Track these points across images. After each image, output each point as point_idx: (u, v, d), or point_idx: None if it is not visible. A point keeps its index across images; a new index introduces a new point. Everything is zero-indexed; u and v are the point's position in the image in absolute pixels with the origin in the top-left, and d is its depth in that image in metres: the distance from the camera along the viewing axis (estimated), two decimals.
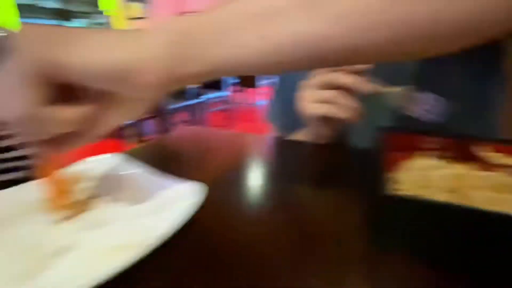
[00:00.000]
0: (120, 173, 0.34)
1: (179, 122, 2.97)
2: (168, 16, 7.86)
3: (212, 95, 2.77)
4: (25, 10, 6.38)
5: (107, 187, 0.32)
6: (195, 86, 3.05)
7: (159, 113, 2.54)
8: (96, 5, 7.80)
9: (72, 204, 0.28)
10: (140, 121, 2.57)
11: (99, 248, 0.23)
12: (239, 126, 3.27)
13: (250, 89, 4.59)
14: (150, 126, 3.21)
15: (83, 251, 0.23)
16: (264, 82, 3.87)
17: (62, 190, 0.30)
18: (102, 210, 0.29)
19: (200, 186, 0.28)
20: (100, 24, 7.14)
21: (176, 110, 2.38)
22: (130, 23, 8.09)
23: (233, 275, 0.22)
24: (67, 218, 0.27)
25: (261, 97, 4.08)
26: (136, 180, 0.33)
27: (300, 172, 0.44)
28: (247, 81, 3.81)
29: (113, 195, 0.31)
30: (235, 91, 4.09)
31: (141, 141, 2.66)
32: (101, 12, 7.73)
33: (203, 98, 2.63)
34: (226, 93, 3.02)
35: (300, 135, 0.58)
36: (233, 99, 4.10)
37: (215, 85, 2.99)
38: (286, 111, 0.67)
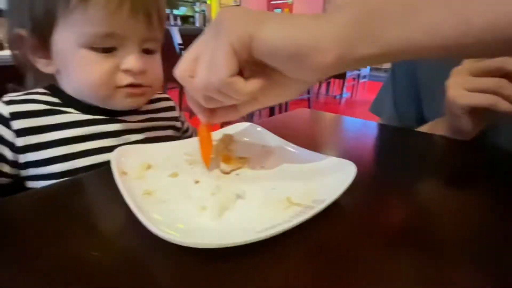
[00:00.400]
0: (265, 140, 0.37)
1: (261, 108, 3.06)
2: (258, 5, 8.07)
3: None
4: None
5: (256, 151, 0.35)
6: None
7: None
8: None
9: (229, 160, 0.31)
10: None
11: (266, 200, 0.25)
12: None
13: (336, 80, 4.41)
14: None
15: (252, 200, 0.25)
16: (350, 74, 3.66)
17: (217, 147, 0.34)
18: (257, 170, 0.31)
19: (351, 164, 0.27)
20: (201, 11, 7.81)
21: None
22: None
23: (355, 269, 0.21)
24: (227, 171, 0.30)
25: (346, 89, 3.87)
26: (284, 148, 0.35)
27: (439, 169, 0.40)
28: None
29: (264, 158, 0.33)
30: (319, 82, 3.99)
31: (226, 123, 2.86)
32: (204, 1, 8.43)
33: None
34: None
35: (428, 128, 0.52)
36: (317, 90, 4.01)
37: None
38: (401, 102, 0.62)
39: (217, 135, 0.37)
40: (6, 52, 1.26)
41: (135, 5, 0.34)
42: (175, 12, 7.49)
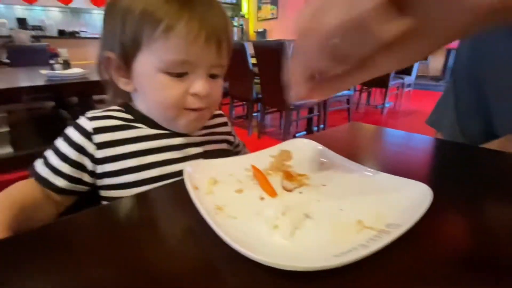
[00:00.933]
0: (323, 156, 0.36)
1: (298, 119, 3.05)
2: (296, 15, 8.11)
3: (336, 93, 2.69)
4: None
5: (315, 167, 0.35)
6: None
7: (282, 108, 2.68)
8: (237, 10, 8.89)
9: (290, 177, 0.32)
10: (263, 114, 2.79)
11: (335, 221, 0.25)
12: None
13: (377, 90, 4.24)
14: (272, 120, 3.44)
15: (321, 221, 0.25)
16: (393, 82, 3.48)
17: (276, 164, 0.34)
18: (320, 188, 0.31)
19: (426, 188, 0.26)
20: (240, 25, 8.13)
21: (298, 107, 2.44)
22: (262, 24, 8.82)
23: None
24: (290, 188, 0.31)
25: (389, 99, 3.69)
26: (344, 165, 0.34)
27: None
28: (378, 81, 3.51)
29: (324, 176, 0.33)
30: (360, 91, 3.86)
31: (263, 133, 2.90)
32: (242, 16, 8.76)
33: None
34: (349, 92, 2.88)
35: (498, 144, 0.48)
36: (357, 100, 3.88)
37: None
38: (464, 115, 0.57)
39: (274, 150, 0.37)
40: (74, 70, 1.42)
41: (209, 36, 0.37)
42: None
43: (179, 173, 0.39)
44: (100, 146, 0.40)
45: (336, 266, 0.18)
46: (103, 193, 0.42)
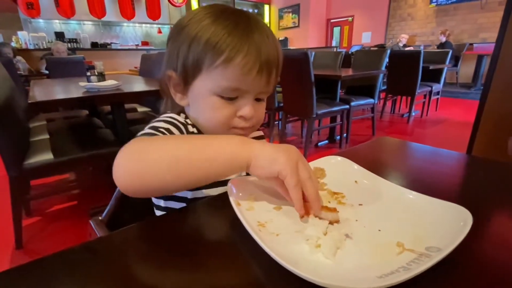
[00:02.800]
0: (357, 174, 0.37)
1: (320, 128, 3.03)
2: (319, 24, 8.15)
3: (359, 102, 2.66)
4: None
5: (350, 186, 0.35)
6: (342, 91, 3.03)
7: (304, 117, 2.68)
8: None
9: (324, 194, 0.33)
10: (284, 122, 2.80)
11: (374, 242, 0.26)
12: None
13: (403, 98, 4.12)
14: (293, 128, 3.44)
15: (361, 242, 0.26)
16: (420, 90, 3.37)
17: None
18: (356, 207, 0.32)
19: (465, 211, 0.26)
20: None
21: (321, 115, 2.42)
22: (283, 32, 8.90)
23: None
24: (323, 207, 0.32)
25: (415, 107, 3.57)
26: (379, 184, 0.35)
27: None
28: (404, 89, 3.41)
29: (360, 195, 0.34)
30: (384, 99, 3.77)
31: (284, 142, 2.91)
32: None
33: (349, 105, 2.56)
34: (373, 100, 2.82)
35: None
36: (381, 108, 3.80)
37: (366, 91, 2.85)
38: None
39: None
40: (109, 82, 1.51)
41: (262, 68, 0.41)
42: None
43: (223, 182, 0.42)
44: None
45: None
46: (163, 202, 0.47)
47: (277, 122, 3.26)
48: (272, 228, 0.27)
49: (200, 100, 0.44)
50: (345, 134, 2.67)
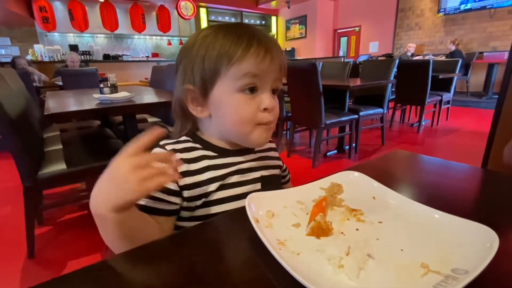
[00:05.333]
0: (374, 190, 0.37)
1: (329, 137, 3.01)
2: (327, 35, 8.21)
3: (368, 111, 2.64)
4: None
5: (368, 202, 0.35)
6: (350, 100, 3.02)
7: (312, 126, 2.67)
8: (268, 31, 9.19)
9: (342, 210, 0.32)
10: (293, 132, 2.79)
11: (398, 262, 0.25)
12: (391, 148, 2.94)
13: (413, 107, 4.08)
14: (301, 138, 3.43)
15: (383, 262, 0.25)
16: (430, 99, 3.34)
17: (329, 197, 0.35)
18: (376, 225, 0.31)
19: (490, 232, 0.25)
20: None
21: (330, 125, 2.42)
22: (290, 43, 9.00)
23: None
24: (340, 221, 0.31)
25: (425, 116, 3.52)
26: (398, 201, 0.34)
27: None
28: (414, 98, 3.39)
29: (379, 212, 0.33)
30: (393, 108, 3.74)
31: (293, 151, 2.90)
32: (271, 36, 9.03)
33: (358, 114, 2.55)
34: (383, 110, 2.80)
35: None
36: (390, 117, 3.76)
37: (375, 101, 2.84)
38: None
39: (325, 183, 0.39)
40: (122, 94, 1.54)
41: (273, 58, 0.44)
42: None
43: (237, 196, 0.46)
44: (181, 174, 0.45)
45: None
46: (182, 213, 0.47)
47: (285, 131, 3.26)
48: (292, 246, 0.27)
49: (223, 104, 0.46)
50: (354, 144, 2.65)
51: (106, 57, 6.19)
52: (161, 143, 0.49)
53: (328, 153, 2.77)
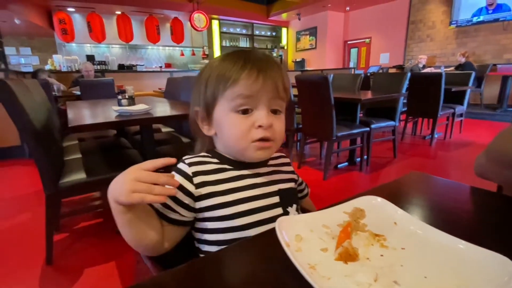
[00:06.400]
0: (395, 215, 0.39)
1: (340, 150, 3.01)
2: (337, 46, 8.28)
3: (380, 124, 2.64)
4: (227, 50, 8.58)
5: (390, 227, 0.37)
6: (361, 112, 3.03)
7: (322, 138, 2.69)
8: (276, 42, 9.32)
9: (366, 235, 0.34)
10: (303, 144, 2.81)
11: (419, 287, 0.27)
12: (403, 160, 2.91)
13: (425, 119, 4.05)
14: (312, 149, 3.44)
15: (408, 286, 0.27)
16: (443, 112, 3.31)
17: (352, 222, 0.37)
18: (399, 251, 0.33)
19: (507, 261, 0.27)
20: (279, 56, 8.49)
21: (341, 137, 2.42)
22: (300, 54, 9.09)
23: None
24: (365, 246, 0.33)
25: (438, 129, 3.49)
26: (419, 228, 0.36)
27: None
28: (426, 111, 3.36)
29: (401, 238, 0.35)
30: (405, 121, 3.72)
31: (303, 163, 2.90)
32: (281, 47, 9.16)
33: (370, 127, 2.55)
34: (395, 123, 2.80)
35: None
36: (402, 130, 3.74)
37: (385, 113, 2.84)
38: None
39: (347, 207, 0.41)
40: (140, 106, 1.60)
41: (266, 79, 0.47)
42: None
43: (257, 209, 0.49)
44: (198, 186, 0.48)
45: None
46: (200, 224, 0.50)
47: (295, 143, 3.28)
48: (322, 271, 0.29)
49: (221, 122, 0.50)
50: (365, 157, 2.64)
51: (121, 67, 6.38)
52: (183, 158, 0.53)
53: (339, 165, 2.77)
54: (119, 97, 1.95)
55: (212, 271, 0.33)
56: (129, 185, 0.37)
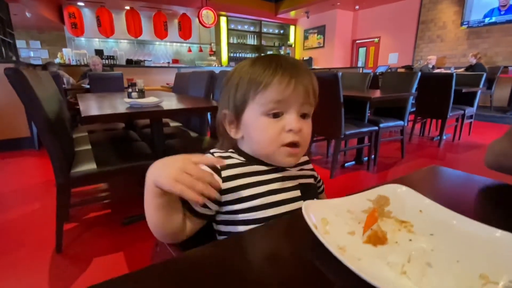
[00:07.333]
0: (420, 203, 0.38)
1: (347, 148, 3.00)
2: (345, 45, 8.23)
3: (388, 123, 2.62)
4: (234, 47, 8.58)
5: (415, 215, 0.37)
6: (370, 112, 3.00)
7: (330, 137, 2.67)
8: (284, 40, 9.29)
9: (392, 221, 0.34)
10: (311, 142, 2.80)
11: (456, 272, 0.27)
12: (410, 161, 2.89)
13: (433, 120, 4.01)
14: (319, 147, 3.43)
15: (441, 271, 0.27)
16: (453, 113, 3.27)
17: (378, 209, 0.37)
18: (428, 237, 0.33)
19: None
20: (287, 53, 8.46)
21: (349, 136, 2.41)
22: (308, 52, 9.05)
23: None
24: (392, 231, 0.33)
25: (447, 130, 3.45)
26: (443, 214, 0.36)
27: None
28: (435, 111, 3.33)
29: (428, 224, 0.35)
30: (413, 121, 3.68)
31: (310, 160, 2.88)
32: (289, 45, 9.13)
33: (378, 126, 2.53)
34: (403, 122, 2.77)
35: None
36: (410, 130, 3.71)
37: (394, 113, 2.81)
38: None
39: (371, 194, 0.40)
40: (150, 99, 1.61)
41: (297, 84, 0.47)
42: None
43: (279, 202, 0.49)
44: (225, 179, 0.49)
45: None
46: (222, 216, 0.50)
47: None
48: (353, 252, 0.29)
49: (251, 126, 0.50)
50: (373, 156, 2.63)
51: (129, 62, 6.42)
52: (211, 150, 0.53)
53: (346, 164, 2.76)
54: (130, 90, 1.96)
55: (237, 251, 0.33)
56: (175, 173, 0.36)
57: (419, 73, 2.77)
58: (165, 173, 0.37)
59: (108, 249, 1.44)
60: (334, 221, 0.35)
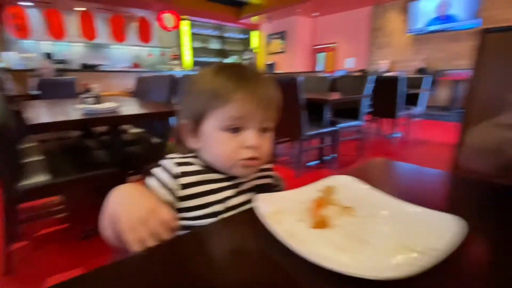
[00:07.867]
0: (364, 191, 0.43)
1: (310, 149, 3.12)
2: (303, 51, 8.56)
3: (346, 124, 2.79)
4: (198, 52, 8.49)
5: (359, 202, 0.41)
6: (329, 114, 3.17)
7: (293, 138, 2.77)
8: (247, 45, 9.40)
9: (336, 208, 0.38)
10: (275, 144, 2.87)
11: (387, 244, 0.31)
12: (367, 157, 3.10)
13: (385, 120, 4.33)
14: (283, 149, 3.52)
15: (375, 245, 0.31)
16: (402, 113, 3.58)
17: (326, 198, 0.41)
18: (369, 218, 0.37)
19: (460, 220, 0.32)
20: (248, 59, 8.55)
21: (310, 136, 2.52)
22: (271, 57, 9.25)
23: None
24: (336, 216, 0.37)
25: (397, 129, 3.76)
26: (386, 200, 0.40)
27: None
28: (386, 111, 3.61)
29: (368, 208, 0.39)
30: (369, 121, 3.95)
31: (276, 162, 2.97)
32: (250, 50, 9.24)
33: (337, 126, 2.68)
34: (360, 122, 2.97)
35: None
36: (367, 129, 3.97)
37: (351, 114, 3.00)
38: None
39: (320, 186, 0.44)
40: (107, 105, 1.53)
41: (258, 101, 0.47)
42: (226, 61, 8.24)
43: (236, 206, 0.50)
44: (183, 187, 0.49)
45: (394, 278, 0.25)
46: (180, 223, 0.49)
47: None
48: (300, 237, 0.32)
49: (209, 139, 0.49)
50: (335, 155, 2.77)
51: (84, 67, 6.04)
52: (170, 155, 0.52)
53: (310, 163, 2.87)
54: (83, 95, 1.86)
55: (195, 246, 0.34)
56: (135, 222, 0.36)
57: (369, 77, 3.00)
58: (126, 217, 0.37)
59: (65, 266, 1.35)
60: (287, 212, 0.38)
